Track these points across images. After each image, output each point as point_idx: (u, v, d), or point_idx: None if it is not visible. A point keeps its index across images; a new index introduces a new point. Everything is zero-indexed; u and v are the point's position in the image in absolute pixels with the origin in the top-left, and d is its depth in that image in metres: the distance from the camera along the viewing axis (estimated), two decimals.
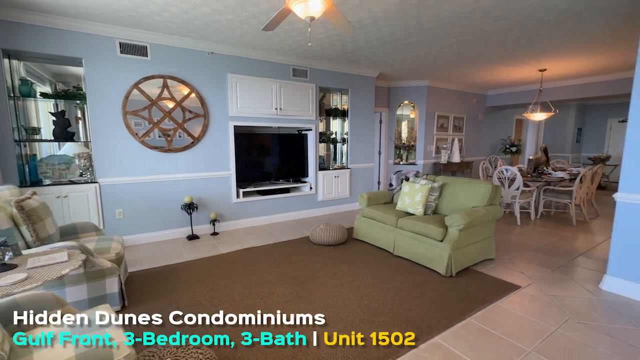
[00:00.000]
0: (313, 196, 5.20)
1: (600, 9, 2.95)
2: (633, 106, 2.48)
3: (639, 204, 2.47)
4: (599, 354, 1.88)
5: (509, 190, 4.82)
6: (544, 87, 6.09)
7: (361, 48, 4.18)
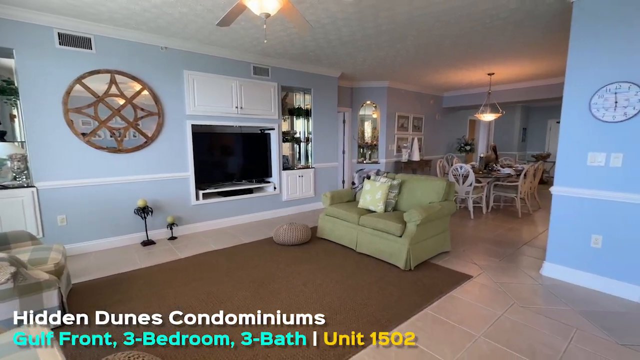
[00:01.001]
0: (277, 196, 5.14)
1: (537, 19, 3.23)
2: (564, 109, 2.75)
3: (570, 196, 2.74)
4: (539, 334, 2.05)
5: (463, 186, 5.12)
6: (493, 90, 6.55)
7: (322, 47, 4.21)
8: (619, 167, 2.48)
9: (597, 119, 2.55)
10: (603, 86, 2.50)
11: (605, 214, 2.56)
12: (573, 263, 2.75)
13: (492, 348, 1.89)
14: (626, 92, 2.40)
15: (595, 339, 1.98)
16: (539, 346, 1.91)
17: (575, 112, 2.67)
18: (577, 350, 1.87)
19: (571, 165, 2.72)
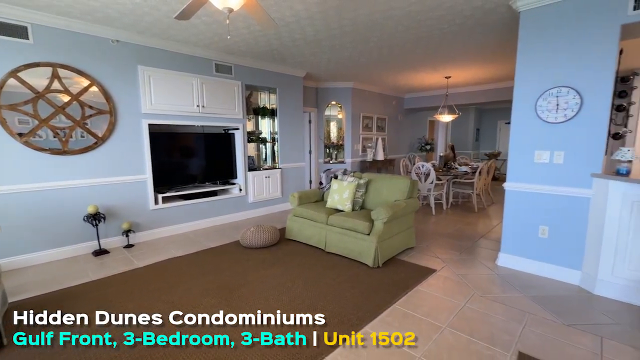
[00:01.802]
0: (243, 198, 5.00)
1: (489, 26, 3.45)
2: (514, 111, 2.96)
3: (521, 191, 2.96)
4: (496, 320, 2.19)
5: (424, 184, 5.35)
6: (450, 92, 6.93)
7: (287, 46, 4.16)
8: (561, 164, 2.73)
9: (542, 120, 2.78)
10: (546, 90, 2.74)
11: (550, 207, 2.81)
12: (524, 253, 2.99)
13: (457, 338, 1.98)
14: (566, 96, 2.65)
15: (545, 322, 2.16)
16: (498, 332, 2.04)
17: (524, 113, 2.89)
18: (530, 334, 2.03)
19: (521, 162, 2.95)
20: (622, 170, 2.43)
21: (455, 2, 2.86)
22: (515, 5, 2.83)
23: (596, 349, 1.88)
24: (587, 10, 2.51)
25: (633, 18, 2.33)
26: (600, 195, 2.52)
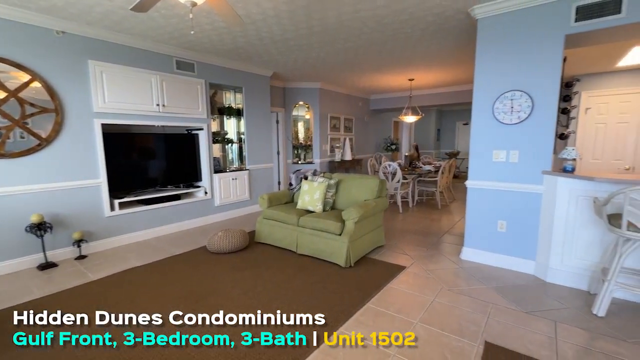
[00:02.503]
0: (209, 201, 4.80)
1: (449, 32, 3.62)
2: (474, 113, 3.13)
3: (481, 188, 3.14)
4: (463, 312, 2.29)
5: (391, 183, 5.50)
6: (413, 94, 7.19)
7: (253, 45, 4.05)
8: (516, 162, 2.93)
9: (499, 122, 2.97)
10: (502, 93, 2.92)
11: (507, 202, 3.00)
12: (485, 246, 3.17)
13: (428, 332, 2.04)
14: (519, 99, 2.85)
15: (507, 311, 2.30)
16: (466, 324, 2.14)
17: (482, 115, 3.07)
18: (494, 323, 2.14)
19: (481, 161, 3.12)
20: (568, 167, 2.66)
21: (418, 8, 2.96)
22: (473, 13, 2.99)
23: (551, 333, 2.04)
24: (536, 21, 2.71)
25: (575, 29, 2.56)
26: (550, 191, 2.74)
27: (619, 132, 4.77)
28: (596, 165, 4.96)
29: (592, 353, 1.84)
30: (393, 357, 1.81)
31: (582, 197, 2.55)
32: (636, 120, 4.64)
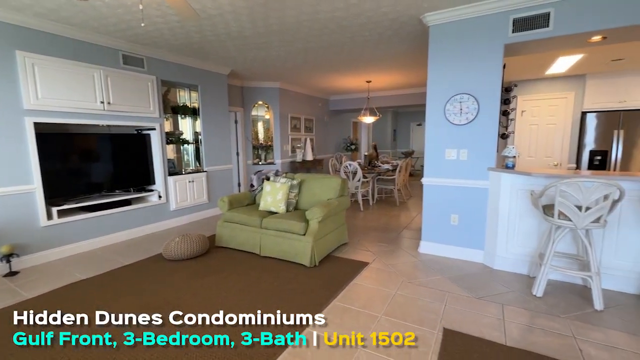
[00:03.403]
0: (163, 206, 4.51)
1: (404, 37, 3.80)
2: (428, 114, 3.32)
3: (436, 185, 3.34)
4: (423, 302, 2.42)
5: (352, 182, 5.63)
6: (371, 95, 7.43)
7: (209, 41, 3.89)
8: (465, 160, 3.16)
9: (450, 123, 3.18)
10: (452, 96, 3.14)
11: (459, 197, 3.23)
12: (440, 239, 3.38)
13: (392, 324, 2.12)
14: (467, 102, 3.08)
15: (462, 298, 2.47)
16: (425, 313, 2.26)
17: (435, 116, 3.26)
18: (451, 311, 2.29)
19: (435, 159, 3.32)
20: (509, 164, 2.93)
21: (374, 12, 3.07)
22: (425, 20, 3.16)
23: (499, 315, 2.23)
24: (480, 30, 2.96)
25: (512, 39, 2.84)
26: (494, 186, 3.00)
27: (549, 132, 5.38)
28: (531, 162, 5.54)
29: (533, 330, 2.05)
30: (360, 351, 1.85)
31: (521, 190, 2.83)
32: (562, 122, 5.26)
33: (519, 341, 1.93)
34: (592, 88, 4.93)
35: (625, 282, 2.52)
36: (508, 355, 1.80)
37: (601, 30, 2.55)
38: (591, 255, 2.31)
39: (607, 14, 2.48)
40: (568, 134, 5.24)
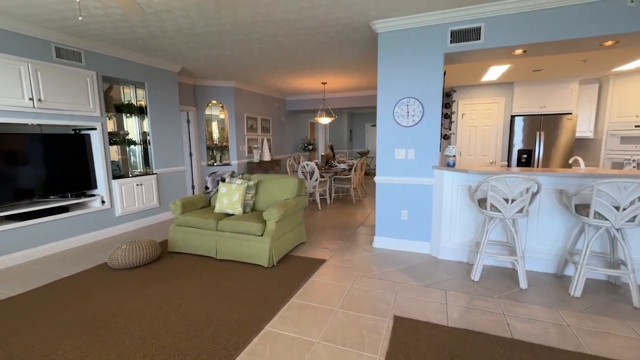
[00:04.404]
0: (107, 211, 4.19)
1: (356, 42, 3.96)
2: (378, 116, 3.51)
3: (387, 183, 3.55)
4: (376, 293, 2.57)
5: (310, 181, 5.72)
6: (327, 97, 7.59)
7: (157, 37, 3.70)
8: (413, 159, 3.40)
9: (398, 124, 3.40)
10: (400, 99, 3.36)
11: (408, 194, 3.47)
12: (392, 233, 3.59)
13: (347, 316, 2.23)
14: (413, 105, 3.32)
15: (411, 287, 2.67)
16: (378, 303, 2.41)
17: (385, 118, 3.47)
18: (401, 299, 2.47)
19: (386, 159, 3.53)
20: (450, 162, 3.22)
21: (327, 17, 3.17)
22: (374, 28, 3.35)
23: (443, 300, 2.46)
24: (423, 39, 3.20)
25: (451, 49, 3.12)
26: (438, 183, 3.27)
27: (485, 133, 5.97)
28: (470, 160, 6.10)
29: (471, 310, 2.30)
30: (317, 344, 1.93)
31: (460, 186, 3.13)
32: (495, 124, 5.88)
33: (458, 321, 2.15)
34: (519, 94, 5.58)
35: (545, 263, 2.92)
36: (449, 335, 2.00)
37: (522, 44, 2.92)
38: (517, 242, 2.64)
39: (526, 31, 2.85)
40: (500, 135, 5.87)
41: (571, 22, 2.71)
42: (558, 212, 2.83)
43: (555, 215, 2.84)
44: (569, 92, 5.32)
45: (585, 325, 2.09)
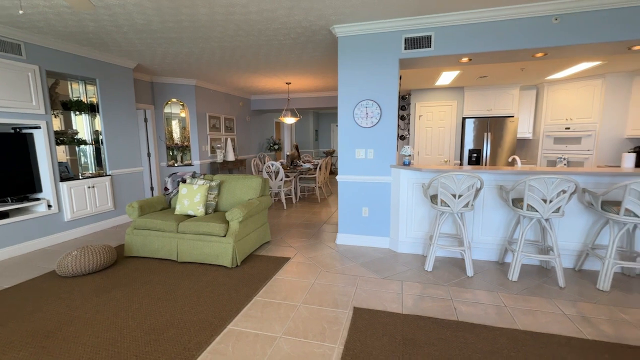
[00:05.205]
0: (55, 216, 3.91)
1: (317, 44, 4.06)
2: (339, 117, 3.64)
3: (348, 181, 3.69)
4: (338, 288, 2.68)
5: (275, 181, 5.73)
6: (291, 97, 7.64)
7: (109, 32, 3.52)
8: (372, 158, 3.57)
9: (358, 125, 3.55)
10: (360, 101, 3.51)
11: (368, 192, 3.63)
12: (354, 230, 3.74)
13: (309, 310, 2.32)
14: (371, 107, 3.48)
15: (370, 280, 2.82)
16: (339, 297, 2.52)
17: (346, 119, 3.60)
18: (361, 292, 2.61)
19: (347, 158, 3.67)
20: (406, 161, 3.43)
21: (288, 19, 3.23)
22: (334, 31, 3.46)
23: (399, 290, 2.63)
24: (380, 45, 3.38)
25: (405, 55, 3.32)
26: (395, 181, 3.47)
27: (440, 134, 6.37)
28: (428, 159, 6.48)
29: (423, 298, 2.49)
30: (279, 339, 1.99)
31: (415, 184, 3.35)
32: (449, 125, 6.30)
33: (412, 309, 2.33)
34: (469, 98, 6.03)
35: (488, 252, 3.22)
36: (403, 321, 2.16)
37: (467, 53, 3.19)
38: (464, 234, 2.89)
39: (470, 42, 3.12)
40: (454, 136, 6.30)
41: (507, 35, 3.02)
42: (499, 206, 3.14)
43: (497, 208, 3.15)
44: (511, 97, 5.85)
45: (519, 305, 2.36)
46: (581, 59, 4.16)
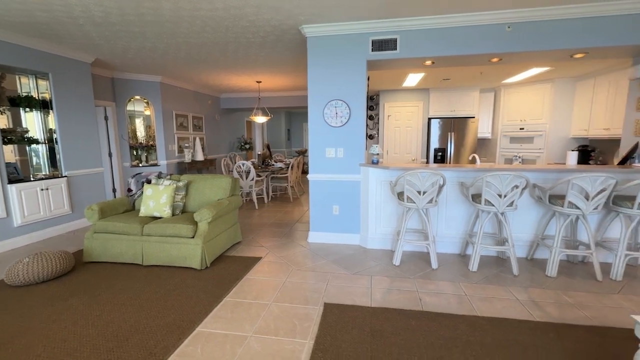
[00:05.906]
0: (3, 221, 3.60)
1: (287, 43, 4.06)
2: (310, 116, 3.67)
3: (319, 180, 3.73)
4: (310, 285, 2.72)
5: (246, 181, 5.66)
6: (262, 96, 7.56)
7: (63, 24, 3.30)
8: (342, 157, 3.64)
9: (328, 125, 3.61)
10: (329, 101, 3.57)
11: (339, 190, 3.70)
12: (326, 228, 3.80)
13: (280, 308, 2.33)
14: (341, 107, 3.55)
15: (341, 276, 2.88)
16: (310, 293, 2.55)
17: (316, 119, 3.64)
18: (331, 288, 2.66)
19: (317, 157, 3.71)
20: (375, 160, 3.54)
21: (256, 17, 3.21)
22: (303, 31, 3.48)
23: (368, 285, 2.71)
24: (348, 46, 3.45)
25: (372, 57, 3.42)
26: (365, 179, 3.56)
27: (408, 133, 6.61)
28: (396, 158, 6.70)
29: (391, 291, 2.59)
30: (250, 338, 1.99)
31: (384, 181, 3.46)
32: (416, 125, 6.55)
33: (380, 302, 2.41)
34: (434, 100, 6.31)
35: (452, 245, 3.41)
36: (372, 314, 2.23)
37: (430, 57, 3.35)
38: (429, 228, 3.04)
39: (432, 46, 3.28)
40: (420, 135, 6.56)
41: (465, 41, 3.21)
42: (461, 201, 3.33)
43: (459, 204, 3.34)
44: (471, 99, 6.20)
45: (478, 294, 2.52)
46: (532, 65, 4.50)
